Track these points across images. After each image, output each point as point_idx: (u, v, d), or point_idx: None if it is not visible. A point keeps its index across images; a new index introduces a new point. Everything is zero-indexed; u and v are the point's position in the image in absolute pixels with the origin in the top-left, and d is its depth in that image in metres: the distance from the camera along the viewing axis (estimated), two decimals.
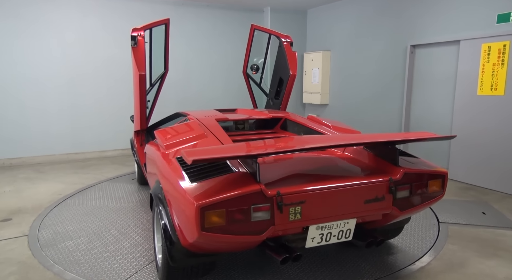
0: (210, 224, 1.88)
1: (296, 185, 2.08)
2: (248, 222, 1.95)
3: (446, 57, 5.20)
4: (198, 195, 1.90)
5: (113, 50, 6.47)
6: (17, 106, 5.91)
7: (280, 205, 1.97)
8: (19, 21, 5.76)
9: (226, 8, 7.32)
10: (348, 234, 2.25)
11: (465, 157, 4.99)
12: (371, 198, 2.19)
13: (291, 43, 4.28)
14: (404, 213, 2.30)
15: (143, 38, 3.70)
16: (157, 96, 4.49)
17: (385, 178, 2.21)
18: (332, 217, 2.13)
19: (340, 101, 7.24)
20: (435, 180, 2.35)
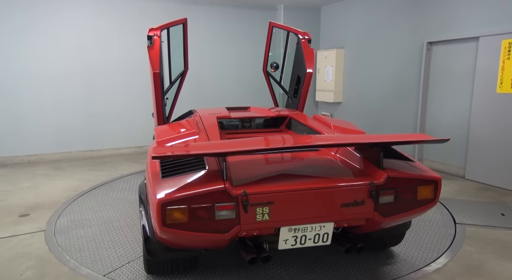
0: (172, 220, 1.89)
1: (265, 185, 2.03)
2: (212, 220, 1.94)
3: (464, 54, 5.07)
4: (162, 191, 1.92)
5: (127, 49, 6.55)
6: (35, 105, 6.04)
7: (245, 204, 1.95)
8: (35, 18, 5.88)
9: (239, 6, 7.31)
10: (326, 238, 2.16)
11: (483, 157, 4.86)
12: (349, 202, 2.09)
13: (309, 40, 4.19)
14: (389, 219, 2.17)
15: (159, 37, 3.77)
16: (177, 94, 4.58)
17: (365, 181, 2.10)
18: (305, 219, 2.06)
19: (354, 99, 7.15)
20: (425, 186, 2.18)
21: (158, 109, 4.00)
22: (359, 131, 2.97)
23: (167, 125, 3.11)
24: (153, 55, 3.73)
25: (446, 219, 3.65)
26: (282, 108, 4.09)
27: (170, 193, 1.90)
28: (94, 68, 6.38)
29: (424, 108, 5.72)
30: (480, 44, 4.77)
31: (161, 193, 1.91)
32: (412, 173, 2.19)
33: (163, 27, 3.99)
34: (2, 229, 3.43)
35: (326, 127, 3.04)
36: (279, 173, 2.23)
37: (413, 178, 2.17)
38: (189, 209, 1.91)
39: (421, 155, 5.83)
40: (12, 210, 3.92)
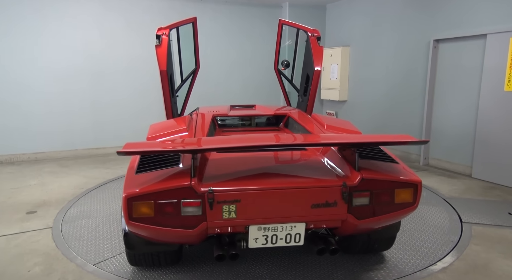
0: (138, 215, 1.95)
1: (233, 183, 2.03)
2: (178, 216, 1.98)
3: (471, 52, 5.02)
4: (130, 186, 1.98)
5: (134, 47, 6.57)
6: (42, 103, 6.09)
7: (211, 202, 1.96)
8: (43, 17, 5.91)
9: (244, 4, 7.30)
10: (298, 238, 2.13)
11: (490, 155, 4.82)
12: (320, 202, 2.05)
13: (318, 38, 4.14)
14: (364, 222, 2.11)
15: (167, 36, 3.87)
16: (189, 91, 4.65)
17: (337, 182, 2.06)
18: (275, 219, 2.05)
19: (359, 97, 7.11)
20: (404, 189, 2.11)
21: (166, 106, 4.08)
22: (354, 131, 2.91)
23: (162, 122, 3.17)
24: (161, 53, 3.82)
25: (453, 218, 3.62)
26: (287, 107, 4.08)
27: (137, 188, 1.96)
28: (101, 66, 6.41)
29: (431, 106, 5.67)
30: (488, 42, 4.72)
31: (128, 188, 1.97)
32: (389, 175, 2.11)
33: (172, 26, 4.08)
34: (10, 226, 3.47)
35: (319, 126, 3.01)
36: (255, 172, 2.21)
37: (389, 181, 2.09)
38: (155, 204, 1.95)
39: (427, 154, 5.80)
40: (19, 207, 3.96)
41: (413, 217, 3.65)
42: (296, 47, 4.62)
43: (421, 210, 3.83)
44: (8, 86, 5.85)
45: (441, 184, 4.75)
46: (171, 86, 4.12)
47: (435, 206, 3.96)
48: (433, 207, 3.92)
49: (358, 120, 7.19)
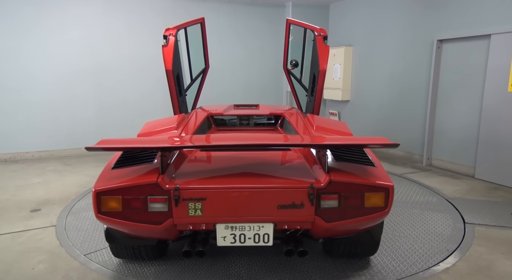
0: (107, 209, 2.04)
1: (199, 181, 2.07)
2: (145, 212, 2.03)
3: (475, 52, 5.01)
4: (101, 181, 2.07)
5: (137, 46, 6.59)
6: (46, 102, 6.12)
7: (176, 199, 2.01)
8: (46, 16, 5.94)
9: (247, 3, 7.30)
10: (267, 238, 2.12)
11: (493, 156, 4.80)
12: (287, 203, 2.04)
13: (325, 37, 4.08)
14: (333, 225, 2.08)
15: (174, 37, 3.97)
16: (199, 90, 4.76)
17: (304, 184, 2.04)
18: (241, 218, 2.06)
19: (362, 97, 7.11)
20: (374, 193, 2.05)
21: (174, 105, 4.23)
22: (345, 133, 2.88)
23: (156, 120, 3.25)
24: (167, 53, 3.92)
25: (455, 219, 3.62)
26: (286, 107, 4.07)
27: (106, 183, 2.04)
28: (104, 66, 6.43)
29: (434, 106, 5.66)
30: (492, 42, 4.71)
31: (99, 183, 2.06)
32: (359, 178, 2.07)
33: (180, 27, 4.16)
34: (14, 224, 3.49)
35: (309, 127, 2.99)
36: (229, 171, 2.23)
37: (359, 184, 2.05)
38: (123, 200, 2.03)
39: (430, 154, 5.78)
40: (23, 205, 3.99)
41: (415, 217, 3.65)
42: (304, 47, 4.58)
43: (423, 211, 3.83)
44: (12, 85, 5.88)
45: (444, 185, 4.74)
46: (178, 86, 4.20)
47: (438, 206, 3.95)
48: (435, 208, 3.91)
49: (360, 120, 7.18)
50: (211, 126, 3.68)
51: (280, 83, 7.93)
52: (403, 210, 3.84)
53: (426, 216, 3.68)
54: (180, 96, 4.46)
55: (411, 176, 5.12)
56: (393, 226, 3.45)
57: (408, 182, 4.83)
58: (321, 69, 4.00)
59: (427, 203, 4.06)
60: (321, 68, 4.01)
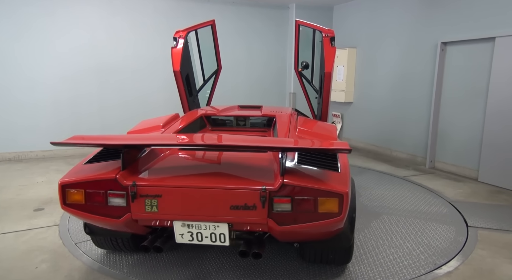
0: (71, 201, 2.17)
1: (156, 178, 2.14)
2: (106, 206, 2.15)
3: (479, 55, 4.99)
4: (69, 175, 2.22)
5: (141, 47, 6.62)
6: (50, 101, 6.16)
7: (133, 195, 2.09)
8: (51, 17, 5.98)
9: (251, 5, 7.32)
10: (223, 238, 2.15)
11: (497, 159, 4.78)
12: (240, 205, 2.05)
13: (332, 38, 4.01)
14: (286, 229, 2.06)
15: (183, 39, 4.16)
16: (212, 91, 4.88)
17: (257, 186, 2.04)
18: (196, 217, 2.10)
19: (365, 99, 7.10)
20: (328, 198, 2.01)
21: (183, 105, 4.40)
22: (328, 136, 2.87)
23: (149, 119, 3.39)
24: (175, 55, 4.09)
25: (458, 222, 3.60)
26: (288, 108, 4.04)
27: (72, 176, 2.18)
28: (108, 66, 6.46)
29: (437, 109, 5.64)
30: (496, 45, 4.69)
31: (66, 176, 2.20)
32: (312, 183, 2.03)
33: (190, 29, 4.32)
34: (18, 223, 3.52)
35: (292, 130, 2.98)
36: (193, 170, 2.28)
37: (312, 188, 2.01)
38: (85, 193, 2.15)
39: (433, 157, 5.77)
40: (27, 204, 4.02)
41: (417, 219, 3.64)
42: (313, 48, 4.56)
43: (426, 213, 3.82)
44: (17, 84, 5.92)
45: (446, 188, 4.72)
46: (188, 86, 4.33)
47: (441, 209, 3.94)
48: (438, 211, 3.90)
49: (363, 122, 7.17)
50: (205, 126, 3.73)
51: (283, 84, 7.94)
52: (406, 213, 3.83)
53: (428, 219, 3.67)
54: (191, 96, 4.58)
55: (414, 179, 5.11)
56: (395, 227, 3.45)
57: (411, 185, 4.81)
58: (326, 71, 3.96)
59: (429, 206, 4.04)
60: (326, 70, 3.96)
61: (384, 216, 3.72)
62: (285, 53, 7.82)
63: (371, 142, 7.05)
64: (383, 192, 4.51)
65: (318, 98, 4.47)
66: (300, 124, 3.08)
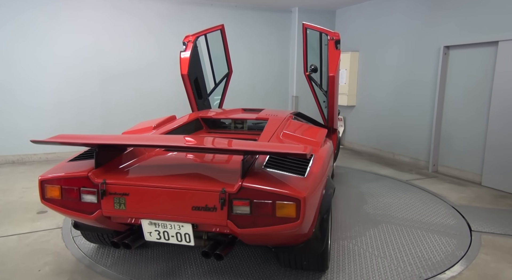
0: (49, 196, 2.31)
1: (125, 177, 2.23)
2: (79, 202, 2.26)
3: (482, 59, 4.99)
4: (50, 171, 2.34)
5: (143, 50, 6.65)
6: (53, 104, 6.19)
7: (102, 192, 2.19)
8: (56, 22, 6.03)
9: (254, 8, 7.35)
10: (188, 238, 2.20)
11: (501, 163, 4.76)
12: (201, 206, 2.08)
13: (337, 41, 3.96)
14: (245, 231, 2.06)
15: (192, 43, 4.34)
16: (224, 93, 5.00)
17: (216, 188, 2.06)
18: (161, 216, 2.16)
19: (368, 103, 7.10)
20: (286, 203, 2.00)
21: (191, 107, 4.55)
22: (311, 141, 2.86)
23: (146, 121, 3.52)
24: (183, 59, 4.25)
25: (461, 226, 3.59)
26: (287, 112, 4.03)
27: (52, 173, 2.30)
28: (111, 69, 6.50)
29: (440, 113, 5.64)
30: (499, 49, 4.69)
31: (47, 172, 2.33)
32: (271, 186, 2.03)
33: (199, 34, 4.47)
34: (21, 225, 3.53)
35: (277, 133, 2.99)
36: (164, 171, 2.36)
37: (270, 192, 2.01)
38: (61, 189, 2.28)
39: (436, 161, 5.75)
40: (30, 207, 4.03)
41: (420, 224, 3.62)
42: (321, 52, 4.55)
43: (429, 218, 3.80)
44: (21, 87, 5.96)
45: (450, 192, 4.70)
46: (197, 89, 4.49)
47: (444, 213, 3.92)
48: (441, 215, 3.88)
49: (366, 125, 7.16)
50: (201, 128, 3.79)
51: (286, 87, 7.95)
52: (407, 222, 3.81)
53: (431, 223, 3.65)
54: (200, 99, 4.71)
55: (417, 183, 5.09)
56: (390, 236, 3.43)
57: (414, 189, 4.80)
58: (329, 74, 3.92)
59: (432, 210, 4.03)
60: (330, 73, 3.93)
61: (383, 224, 3.61)
62: (288, 57, 7.84)
63: (373, 145, 7.04)
64: (385, 197, 4.50)
65: (326, 102, 4.44)
66: (288, 127, 3.08)
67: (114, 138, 2.25)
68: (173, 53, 6.87)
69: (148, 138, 2.25)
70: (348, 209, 4.03)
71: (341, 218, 3.76)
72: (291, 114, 3.77)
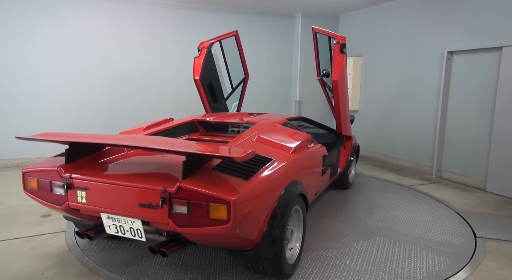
0: (29, 187, 2.56)
1: (86, 172, 2.42)
2: (51, 193, 2.48)
3: (486, 65, 4.98)
4: (35, 165, 2.56)
5: (148, 55, 6.70)
6: (57, 108, 6.24)
7: (67, 185, 2.39)
8: (61, 26, 6.09)
9: (257, 14, 7.40)
10: (140, 234, 2.30)
11: (505, 169, 4.74)
12: (146, 203, 2.19)
13: (343, 45, 3.92)
14: (183, 231, 2.13)
15: (205, 49, 4.57)
16: (241, 98, 5.19)
17: (158, 187, 2.16)
18: (114, 211, 2.29)
19: (371, 108, 7.09)
20: (217, 205, 2.04)
21: (206, 110, 4.73)
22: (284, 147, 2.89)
23: (142, 123, 3.66)
24: (197, 64, 4.45)
25: (466, 232, 3.56)
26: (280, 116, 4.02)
27: (34, 166, 2.54)
28: (116, 73, 6.54)
29: (444, 118, 5.62)
30: (503, 54, 4.68)
31: (32, 165, 2.56)
32: (205, 187, 2.08)
33: (214, 40, 4.70)
34: (25, 229, 3.54)
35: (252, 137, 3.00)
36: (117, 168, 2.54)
37: (203, 193, 2.06)
38: (38, 181, 2.51)
39: (440, 166, 5.73)
40: (34, 210, 4.05)
41: (425, 229, 3.60)
42: (331, 56, 4.56)
43: (433, 224, 3.78)
44: (25, 90, 6.01)
45: (454, 197, 4.68)
46: (212, 93, 4.72)
47: (448, 219, 3.90)
48: (446, 221, 3.86)
49: (369, 130, 7.15)
50: (198, 131, 3.89)
51: (289, 92, 7.97)
52: (412, 223, 3.79)
53: (435, 229, 3.63)
54: (215, 102, 4.90)
55: (421, 188, 5.07)
56: (390, 245, 3.41)
57: (417, 194, 4.78)
58: (332, 79, 3.89)
59: (436, 215, 4.00)
60: (332, 78, 3.89)
61: (377, 237, 3.38)
62: (291, 62, 7.86)
63: (376, 150, 7.02)
64: (386, 202, 4.48)
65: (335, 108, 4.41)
66: (265, 132, 3.09)
67: (79, 136, 2.46)
68: (177, 58, 6.91)
69: (105, 137, 2.39)
70: (346, 216, 3.98)
71: (335, 226, 3.66)
72: (286, 119, 3.73)
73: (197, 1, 6.58)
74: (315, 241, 3.33)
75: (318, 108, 8.02)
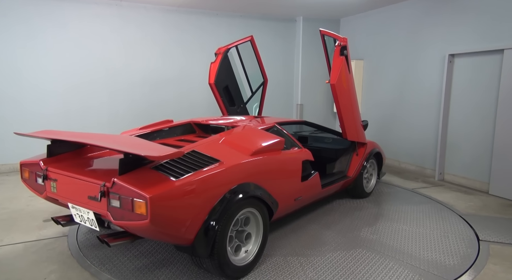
0: (24, 176, 2.93)
1: (56, 165, 2.69)
2: (36, 183, 2.81)
3: (488, 67, 4.98)
4: (28, 158, 2.93)
5: (151, 61, 6.73)
6: (60, 112, 6.27)
7: (43, 176, 2.68)
8: (63, 30, 6.14)
9: (258, 18, 7.43)
10: (94, 224, 2.52)
11: (508, 172, 4.71)
12: (91, 195, 2.38)
13: (344, 47, 3.81)
14: (118, 223, 2.25)
15: (221, 54, 4.74)
16: (262, 101, 5.33)
17: (99, 181, 2.34)
18: (74, 201, 2.51)
19: (373, 111, 7.09)
20: (139, 201, 2.13)
21: (222, 113, 4.88)
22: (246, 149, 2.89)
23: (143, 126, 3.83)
24: (212, 69, 4.65)
25: (469, 236, 3.54)
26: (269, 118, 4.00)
27: (27, 159, 2.89)
28: (118, 77, 6.57)
29: (446, 121, 5.61)
30: (504, 57, 4.68)
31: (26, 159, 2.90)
32: (132, 184, 2.18)
33: (230, 46, 4.89)
34: (27, 233, 3.55)
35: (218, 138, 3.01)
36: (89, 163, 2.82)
37: (128, 189, 2.17)
38: (28, 171, 2.87)
39: (442, 169, 5.71)
40: (37, 215, 4.06)
41: (427, 232, 3.59)
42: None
43: (436, 227, 3.76)
44: (28, 95, 6.04)
45: (457, 200, 4.65)
46: (229, 97, 4.90)
47: (451, 222, 3.88)
48: (448, 224, 3.84)
49: (371, 133, 7.14)
50: (194, 132, 3.98)
51: (291, 96, 7.98)
52: (414, 226, 3.77)
53: (438, 232, 3.61)
54: (232, 106, 5.04)
55: (423, 191, 5.05)
56: (402, 239, 3.40)
57: (420, 197, 4.76)
58: (330, 82, 3.78)
59: (439, 219, 3.98)
60: (330, 81, 3.77)
61: (360, 250, 3.16)
62: (292, 65, 7.88)
63: None
64: (396, 214, 4.45)
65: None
66: (236, 134, 3.10)
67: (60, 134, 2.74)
68: (179, 63, 6.94)
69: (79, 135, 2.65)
70: (341, 225, 3.75)
71: (322, 234, 3.50)
72: (276, 123, 3.66)
73: (198, 6, 6.63)
74: (290, 246, 3.23)
75: (320, 111, 8.02)
